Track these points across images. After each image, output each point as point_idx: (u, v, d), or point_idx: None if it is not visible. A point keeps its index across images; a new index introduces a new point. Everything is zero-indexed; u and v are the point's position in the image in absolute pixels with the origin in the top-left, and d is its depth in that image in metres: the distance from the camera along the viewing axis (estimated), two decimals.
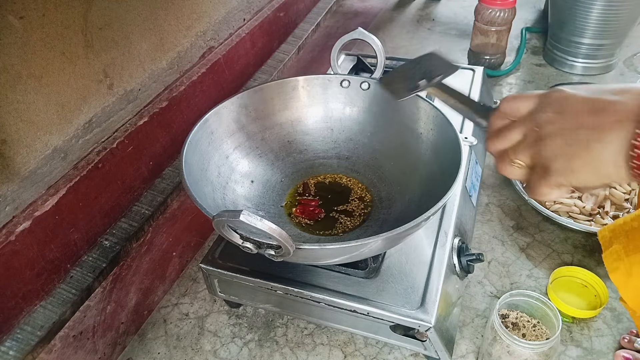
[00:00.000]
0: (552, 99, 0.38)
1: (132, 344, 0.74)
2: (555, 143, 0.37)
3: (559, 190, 0.38)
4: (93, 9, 0.63)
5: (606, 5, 1.10)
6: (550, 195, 0.39)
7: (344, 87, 0.76)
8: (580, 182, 0.36)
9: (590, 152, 0.35)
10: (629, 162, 0.33)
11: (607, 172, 0.35)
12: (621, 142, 0.33)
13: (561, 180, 0.37)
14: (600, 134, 0.34)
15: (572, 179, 0.36)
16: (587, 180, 0.36)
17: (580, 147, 0.35)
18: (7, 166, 0.56)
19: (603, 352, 0.68)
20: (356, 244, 0.49)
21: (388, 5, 1.66)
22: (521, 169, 0.40)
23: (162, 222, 0.79)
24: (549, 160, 0.37)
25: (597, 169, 0.35)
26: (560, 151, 0.36)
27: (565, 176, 0.36)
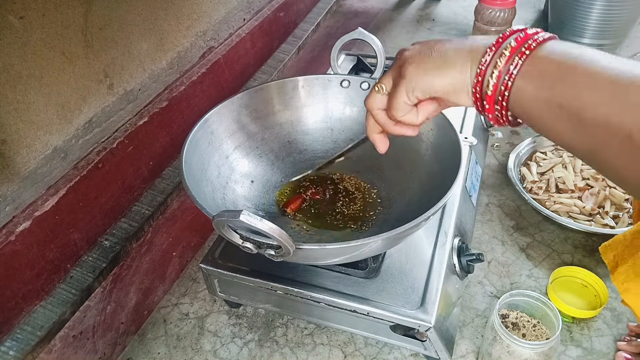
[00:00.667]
0: (403, 50, 0.43)
1: (132, 344, 0.74)
2: (413, 58, 0.40)
3: (409, 100, 0.41)
4: (93, 9, 0.63)
5: (606, 5, 1.10)
6: (401, 107, 0.42)
7: (344, 87, 0.76)
8: (429, 85, 0.39)
9: (443, 57, 0.39)
10: (472, 88, 0.38)
11: (454, 81, 0.38)
12: (469, 67, 0.37)
13: (414, 84, 0.40)
14: (457, 51, 0.38)
15: (423, 82, 0.39)
16: (436, 83, 0.39)
17: (435, 56, 0.39)
18: (7, 166, 0.56)
19: (603, 352, 0.68)
20: (356, 244, 0.49)
21: (388, 5, 1.66)
22: (382, 93, 0.43)
23: (162, 222, 0.79)
24: (407, 67, 0.40)
25: (447, 74, 0.38)
26: (416, 59, 0.40)
27: (418, 79, 0.39)
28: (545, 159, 0.96)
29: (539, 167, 0.94)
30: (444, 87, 0.39)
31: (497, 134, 0.96)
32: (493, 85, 0.36)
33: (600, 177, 0.89)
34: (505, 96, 0.36)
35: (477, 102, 0.38)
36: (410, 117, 0.43)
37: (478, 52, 0.37)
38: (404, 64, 0.41)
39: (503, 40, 0.36)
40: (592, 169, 0.91)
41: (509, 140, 1.06)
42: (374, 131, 0.48)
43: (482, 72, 0.36)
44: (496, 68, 0.35)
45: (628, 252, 0.52)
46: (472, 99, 0.38)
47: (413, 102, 0.42)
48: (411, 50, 0.41)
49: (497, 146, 1.05)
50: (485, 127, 0.94)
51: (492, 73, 0.36)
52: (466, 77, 0.38)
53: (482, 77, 0.37)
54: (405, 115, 0.43)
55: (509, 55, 0.35)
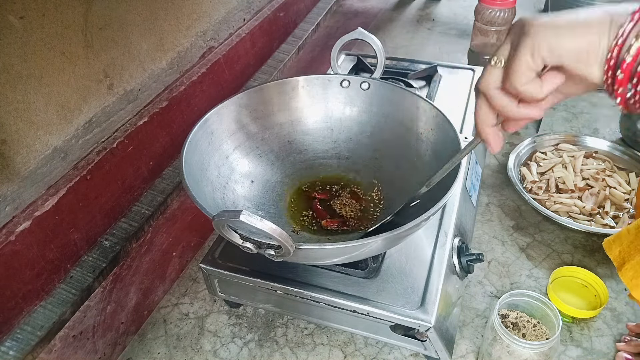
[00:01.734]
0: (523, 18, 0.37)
1: (132, 344, 0.74)
2: (540, 17, 0.35)
3: (533, 65, 0.35)
4: (93, 9, 0.63)
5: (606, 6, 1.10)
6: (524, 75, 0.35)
7: (344, 87, 0.76)
8: (560, 45, 0.34)
9: (576, 17, 0.34)
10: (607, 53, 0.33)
11: (588, 45, 0.33)
12: (606, 30, 0.33)
13: (541, 41, 0.34)
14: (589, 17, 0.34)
15: (553, 40, 0.34)
16: (567, 43, 0.33)
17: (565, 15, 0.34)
18: (7, 166, 0.56)
19: (603, 352, 0.68)
20: (356, 244, 0.49)
21: (388, 5, 1.66)
22: (499, 66, 0.37)
23: (162, 222, 0.79)
24: (529, 26, 0.35)
25: (580, 34, 0.33)
26: (543, 18, 0.35)
27: (547, 35, 0.34)
28: (545, 159, 0.96)
29: (539, 167, 0.94)
30: (576, 49, 0.33)
31: None
32: (636, 49, 0.31)
33: (600, 177, 0.89)
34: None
35: (608, 71, 0.33)
36: (533, 88, 0.36)
37: (617, 16, 0.33)
38: (527, 24, 0.35)
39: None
40: (592, 169, 0.91)
41: (509, 140, 1.06)
42: (487, 123, 0.41)
43: (625, 33, 0.32)
44: (638, 40, 0.31)
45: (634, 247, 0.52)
46: (604, 68, 0.33)
47: (538, 67, 0.35)
48: (535, 17, 0.36)
49: None
50: None
51: (631, 46, 0.31)
52: (603, 40, 0.33)
53: (623, 38, 0.32)
54: (527, 84, 0.36)
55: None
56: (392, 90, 0.73)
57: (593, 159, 0.95)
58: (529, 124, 1.11)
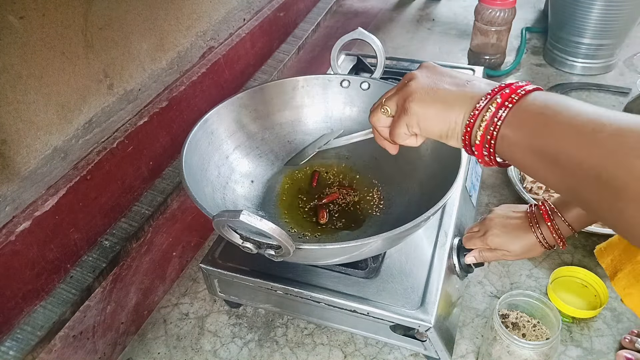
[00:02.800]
0: (423, 65, 0.47)
1: (132, 344, 0.74)
2: (419, 92, 0.43)
3: (408, 132, 0.45)
4: (93, 9, 0.63)
5: (606, 5, 1.10)
6: (401, 136, 0.46)
7: (344, 87, 0.76)
8: (427, 127, 0.43)
9: (444, 101, 0.42)
10: (462, 135, 0.42)
11: (448, 128, 0.42)
12: (463, 114, 0.41)
13: (414, 121, 0.44)
14: (456, 97, 0.42)
15: (422, 122, 0.43)
16: (432, 127, 0.43)
17: (437, 99, 0.42)
18: (7, 166, 0.56)
19: (603, 352, 0.68)
20: (356, 244, 0.49)
21: (388, 5, 1.66)
22: (386, 115, 0.47)
23: (162, 222, 0.79)
24: (410, 103, 0.43)
25: (443, 120, 0.42)
26: (420, 96, 0.43)
27: (418, 118, 0.43)
28: None
29: None
30: (439, 131, 0.43)
31: None
32: (480, 136, 0.40)
33: None
34: (492, 144, 0.39)
35: (465, 147, 0.43)
36: (410, 142, 0.47)
37: (474, 100, 0.41)
38: (409, 97, 0.44)
39: (492, 95, 0.40)
40: None
41: None
42: (382, 139, 0.52)
43: (472, 123, 0.40)
44: (483, 121, 0.39)
45: (625, 256, 0.53)
46: (461, 145, 0.43)
47: (412, 134, 0.46)
48: (418, 79, 0.45)
49: None
50: None
51: (480, 125, 0.39)
52: (459, 124, 0.42)
53: (471, 127, 0.40)
54: (405, 140, 0.47)
55: (495, 108, 0.39)
56: None
57: None
58: None
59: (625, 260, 0.52)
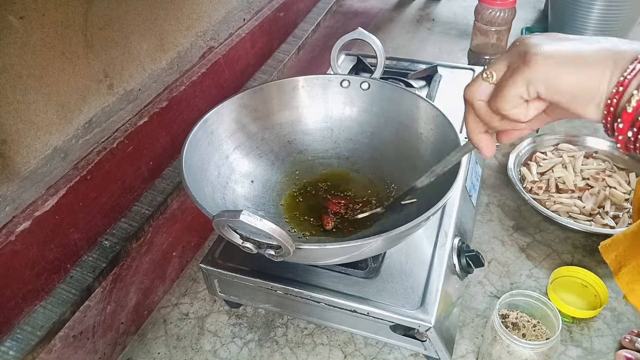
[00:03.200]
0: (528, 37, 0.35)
1: (132, 344, 0.74)
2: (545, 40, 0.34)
3: (526, 94, 0.34)
4: (93, 9, 0.63)
5: (606, 5, 1.10)
6: (511, 100, 0.34)
7: (344, 87, 0.76)
8: (559, 82, 0.32)
9: (580, 52, 0.32)
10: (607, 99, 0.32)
11: (589, 86, 0.32)
12: (609, 73, 0.31)
13: (540, 76, 0.32)
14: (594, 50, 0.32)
15: (552, 76, 0.32)
16: (567, 82, 0.32)
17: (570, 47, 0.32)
18: (7, 166, 0.56)
19: (603, 352, 0.68)
20: (356, 244, 0.49)
21: (388, 5, 1.66)
22: (490, 81, 0.36)
23: (162, 222, 0.79)
24: (531, 55, 0.33)
25: (582, 74, 0.32)
26: (550, 47, 0.33)
27: (547, 71, 0.32)
28: (545, 159, 0.96)
29: (539, 167, 0.94)
30: (574, 87, 0.32)
31: None
32: (637, 101, 0.30)
33: (600, 177, 0.89)
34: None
35: (608, 117, 0.32)
36: (519, 112, 0.35)
37: (623, 58, 0.31)
38: (529, 52, 0.33)
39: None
40: (592, 169, 0.92)
41: None
42: (477, 130, 0.41)
43: (626, 82, 0.30)
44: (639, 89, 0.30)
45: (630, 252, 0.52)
46: (603, 113, 0.32)
47: (530, 98, 0.35)
48: (540, 38, 0.34)
49: (497, 146, 1.04)
50: None
51: (636, 92, 0.30)
52: (603, 85, 0.31)
53: (624, 87, 0.30)
54: (513, 109, 0.35)
55: None
56: (392, 90, 0.73)
57: (593, 159, 0.95)
58: None
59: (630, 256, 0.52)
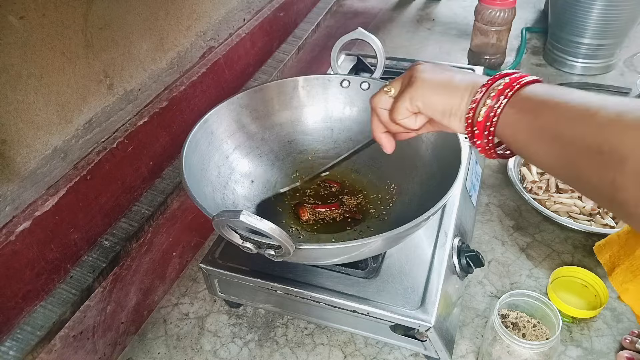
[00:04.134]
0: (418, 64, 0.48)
1: (132, 344, 0.74)
2: (427, 71, 0.45)
3: (410, 108, 0.45)
4: (93, 9, 0.63)
5: (606, 5, 1.10)
6: (402, 112, 0.46)
7: (344, 87, 0.76)
8: (431, 102, 0.44)
9: (450, 81, 0.44)
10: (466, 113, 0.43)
11: (452, 105, 0.43)
12: (467, 95, 0.43)
13: (419, 94, 0.44)
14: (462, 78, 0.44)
15: (427, 96, 0.44)
16: (437, 102, 0.44)
17: (444, 77, 0.44)
18: (7, 166, 0.56)
19: (603, 352, 0.68)
20: (356, 244, 0.49)
21: (388, 5, 1.66)
22: (389, 94, 0.48)
23: (162, 222, 0.79)
24: (418, 76, 0.45)
25: (448, 96, 0.43)
26: (428, 74, 0.45)
27: (424, 92, 0.44)
28: None
29: None
30: (443, 106, 0.44)
31: None
32: (484, 112, 0.41)
33: None
34: (494, 122, 0.41)
35: (467, 127, 0.43)
36: (409, 122, 0.47)
37: (476, 85, 0.43)
38: (417, 73, 0.45)
39: (492, 82, 0.42)
40: None
41: None
42: (379, 130, 0.52)
43: (477, 100, 0.42)
44: (489, 98, 0.41)
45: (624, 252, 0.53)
46: (464, 124, 0.43)
47: (414, 110, 0.46)
48: (426, 65, 0.47)
49: None
50: None
51: (485, 102, 0.41)
52: (462, 104, 0.43)
53: (476, 104, 0.42)
54: (404, 119, 0.47)
55: (495, 95, 0.41)
56: None
57: None
58: None
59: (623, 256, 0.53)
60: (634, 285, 0.51)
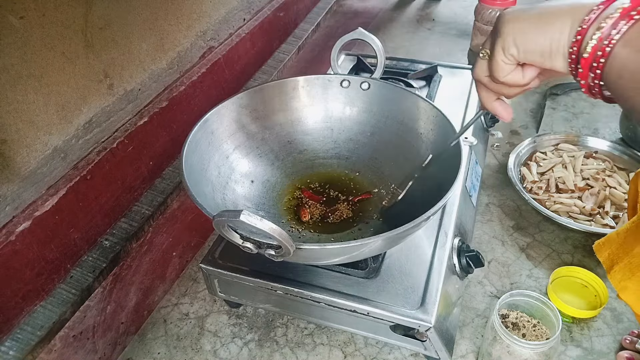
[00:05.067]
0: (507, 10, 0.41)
1: (132, 344, 0.74)
2: (512, 15, 0.39)
3: (507, 59, 0.39)
4: (93, 9, 0.63)
5: None
6: (501, 69, 0.40)
7: (344, 87, 0.76)
8: (525, 43, 0.38)
9: (542, 15, 0.37)
10: (569, 48, 0.36)
11: (551, 41, 0.36)
12: (569, 26, 0.35)
13: (510, 41, 0.38)
14: (558, 8, 0.37)
15: (519, 39, 0.38)
16: (531, 42, 0.37)
17: (533, 14, 0.38)
18: (7, 166, 0.56)
19: (603, 352, 0.68)
20: (356, 244, 0.49)
21: (388, 5, 1.66)
22: (487, 58, 0.42)
23: (162, 222, 0.79)
24: (501, 25, 0.39)
25: (544, 32, 0.37)
26: (514, 17, 0.38)
27: (514, 35, 0.38)
28: (545, 159, 0.96)
29: (539, 167, 0.94)
30: (540, 46, 0.37)
31: (497, 134, 0.96)
32: (592, 47, 0.33)
33: (600, 177, 0.89)
34: (601, 63, 0.33)
35: (571, 64, 0.36)
36: (515, 77, 0.41)
37: (581, 10, 0.35)
38: (502, 20, 0.39)
39: (606, 5, 0.34)
40: (592, 169, 0.92)
41: (509, 140, 1.06)
42: (490, 100, 0.46)
43: (583, 30, 0.34)
44: (599, 30, 0.33)
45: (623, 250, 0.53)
46: (567, 62, 0.36)
47: (512, 62, 0.40)
48: (512, 8, 0.40)
49: (497, 146, 1.05)
50: (485, 128, 0.94)
51: (594, 34, 0.33)
52: (564, 36, 0.36)
53: (582, 36, 0.34)
54: (507, 75, 0.41)
55: (618, 17, 0.32)
56: (392, 90, 0.73)
57: (593, 159, 0.95)
58: (529, 124, 1.11)
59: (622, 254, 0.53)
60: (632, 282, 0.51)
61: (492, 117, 0.93)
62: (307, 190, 0.72)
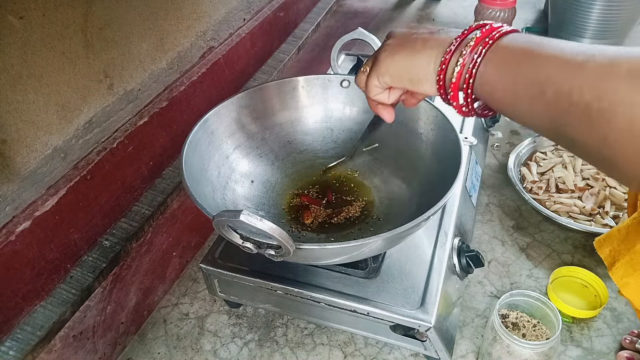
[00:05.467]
0: (389, 35, 0.47)
1: (132, 344, 0.74)
2: (390, 45, 0.45)
3: (379, 85, 0.46)
4: (93, 9, 0.63)
5: (606, 5, 1.10)
6: (373, 89, 0.47)
7: (344, 87, 0.76)
8: (396, 73, 0.44)
9: (413, 48, 0.43)
10: (436, 76, 0.41)
11: (419, 71, 0.42)
12: (434, 56, 0.41)
13: (383, 70, 0.44)
14: (426, 41, 0.42)
15: (391, 69, 0.44)
16: (401, 72, 0.43)
17: (407, 46, 0.43)
18: (7, 166, 0.56)
19: (603, 352, 0.68)
20: (356, 244, 0.49)
21: (388, 5, 1.66)
22: (365, 73, 0.48)
23: (162, 222, 0.79)
24: (379, 54, 0.45)
25: (411, 63, 0.43)
26: (390, 47, 0.44)
27: (387, 66, 0.44)
28: (545, 159, 0.96)
29: (539, 167, 0.94)
30: (409, 76, 0.43)
31: (497, 134, 0.96)
32: (457, 73, 0.39)
33: (600, 177, 0.89)
34: (470, 83, 0.38)
35: (440, 89, 0.42)
36: (383, 97, 0.48)
37: (444, 43, 0.41)
38: (383, 47, 0.45)
39: (469, 32, 0.40)
40: (592, 169, 0.92)
41: (509, 140, 1.06)
42: (373, 105, 0.52)
43: (447, 60, 0.40)
44: (461, 56, 0.39)
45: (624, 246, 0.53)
46: (436, 87, 0.42)
47: (384, 87, 0.47)
48: (393, 37, 0.46)
49: (497, 146, 1.05)
50: (485, 127, 0.94)
51: (457, 61, 0.39)
52: (430, 66, 0.41)
53: (446, 65, 0.40)
54: (377, 95, 0.48)
55: (474, 44, 0.38)
56: None
57: None
58: None
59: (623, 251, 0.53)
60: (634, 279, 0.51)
61: (492, 117, 0.93)
62: (306, 195, 0.72)
